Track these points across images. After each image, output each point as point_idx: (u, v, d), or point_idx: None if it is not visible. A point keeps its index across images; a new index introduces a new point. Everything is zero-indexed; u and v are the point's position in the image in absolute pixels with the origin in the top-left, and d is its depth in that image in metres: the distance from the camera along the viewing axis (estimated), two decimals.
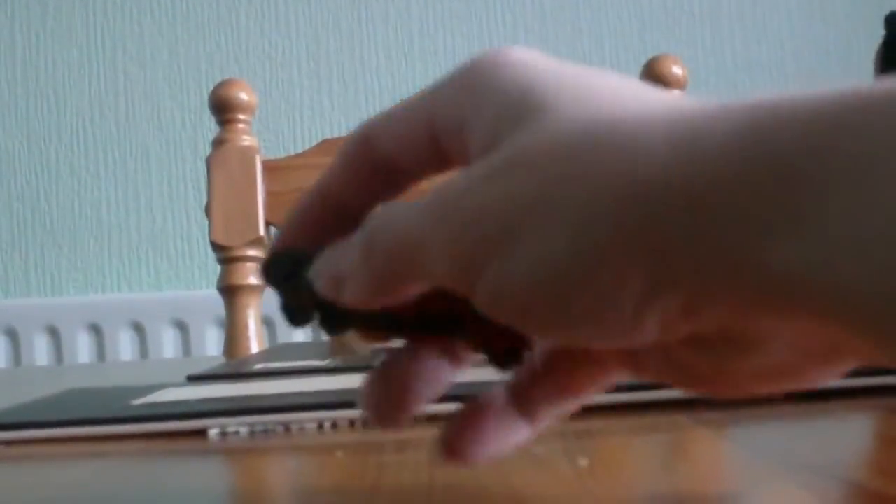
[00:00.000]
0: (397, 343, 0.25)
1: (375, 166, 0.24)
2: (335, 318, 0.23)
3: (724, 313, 0.18)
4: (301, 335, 1.53)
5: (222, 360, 0.83)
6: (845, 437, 0.29)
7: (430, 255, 0.20)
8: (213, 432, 0.35)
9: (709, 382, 0.21)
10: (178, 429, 0.35)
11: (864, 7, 1.61)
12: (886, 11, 0.60)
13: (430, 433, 0.32)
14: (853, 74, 1.59)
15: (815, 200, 0.16)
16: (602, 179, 0.18)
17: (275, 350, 0.78)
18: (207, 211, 0.95)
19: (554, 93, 0.20)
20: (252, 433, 0.35)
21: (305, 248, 0.24)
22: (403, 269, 0.21)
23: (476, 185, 0.19)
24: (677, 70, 0.96)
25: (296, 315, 0.24)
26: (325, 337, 1.42)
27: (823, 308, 0.16)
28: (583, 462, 0.26)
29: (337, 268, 0.22)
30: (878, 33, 0.60)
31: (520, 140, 0.19)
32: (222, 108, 0.93)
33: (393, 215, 0.21)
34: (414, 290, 0.21)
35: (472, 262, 0.19)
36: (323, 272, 0.23)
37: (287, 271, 0.23)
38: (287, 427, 0.35)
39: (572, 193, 0.18)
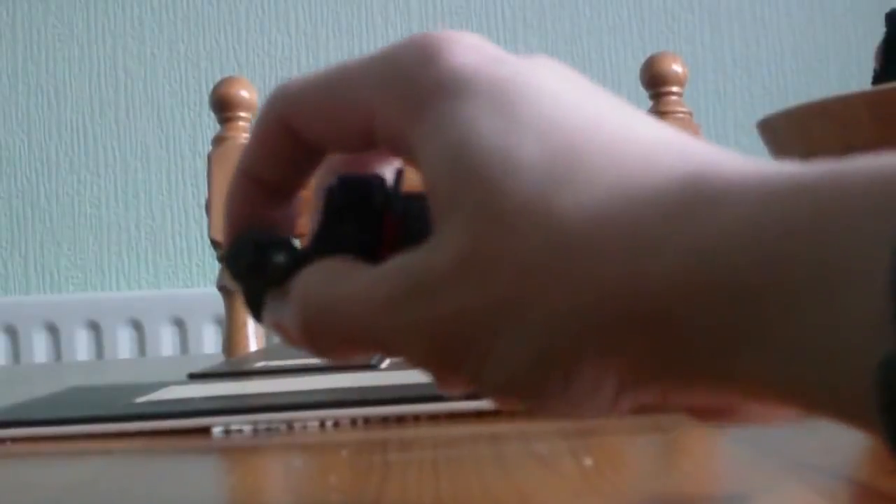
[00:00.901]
0: None
1: (296, 145, 0.22)
2: None
3: (695, 399, 0.19)
4: None
5: (221, 357, 0.83)
6: (850, 436, 0.29)
7: (396, 345, 0.20)
8: (216, 430, 0.35)
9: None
10: (182, 426, 0.35)
11: (864, 4, 1.61)
12: (886, 8, 0.60)
13: (436, 433, 0.32)
14: (852, 72, 1.59)
15: (770, 316, 0.16)
16: (567, 291, 0.18)
17: (273, 348, 0.78)
18: (207, 208, 0.95)
19: (515, 165, 0.18)
20: (255, 431, 0.35)
21: (266, 233, 0.23)
22: (357, 349, 0.21)
23: (448, 283, 0.19)
24: (677, 67, 0.96)
25: (261, 309, 0.23)
26: None
27: (788, 401, 0.16)
28: (588, 461, 0.26)
29: (283, 324, 0.22)
30: (878, 31, 0.60)
31: (485, 231, 0.18)
32: (223, 106, 0.93)
33: (338, 296, 0.20)
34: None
35: (448, 362, 0.19)
36: (269, 321, 0.22)
37: (250, 260, 0.22)
38: (290, 425, 0.35)
39: (544, 302, 0.18)
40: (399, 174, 0.23)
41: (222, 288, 0.94)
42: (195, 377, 0.51)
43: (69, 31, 1.58)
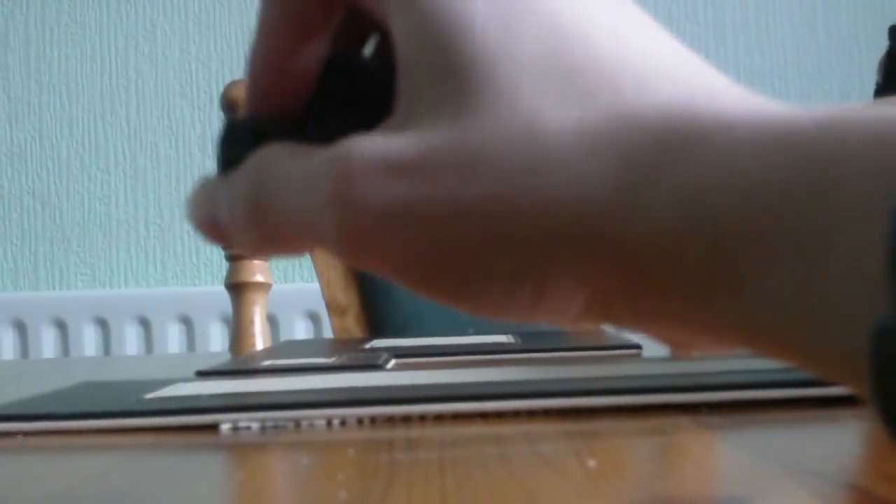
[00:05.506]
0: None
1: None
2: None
3: (663, 331, 0.18)
4: (303, 332, 1.53)
5: (227, 355, 0.83)
6: (849, 443, 0.30)
7: (343, 252, 0.18)
8: (224, 427, 0.35)
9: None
10: (190, 423, 0.36)
11: (867, 17, 1.61)
12: (889, 22, 0.60)
13: (441, 433, 0.33)
14: (854, 85, 1.59)
15: (752, 266, 0.15)
16: (546, 208, 0.17)
17: (280, 347, 0.79)
18: None
19: (508, 68, 0.17)
20: (263, 429, 0.35)
21: (259, 117, 0.22)
22: (303, 245, 0.19)
23: (414, 178, 0.17)
24: None
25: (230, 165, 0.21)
26: (327, 334, 1.42)
27: (763, 349, 0.16)
28: (591, 463, 0.26)
29: (216, 215, 0.20)
30: (881, 43, 0.60)
31: (464, 133, 0.17)
32: (233, 108, 0.93)
33: (284, 187, 0.19)
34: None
35: (415, 268, 0.18)
36: (197, 215, 0.21)
37: (248, 148, 0.21)
38: (297, 423, 0.36)
39: (520, 215, 0.17)
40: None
41: (231, 286, 0.95)
42: (203, 375, 0.51)
43: (81, 30, 1.59)
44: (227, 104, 0.94)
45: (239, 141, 0.22)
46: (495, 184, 0.17)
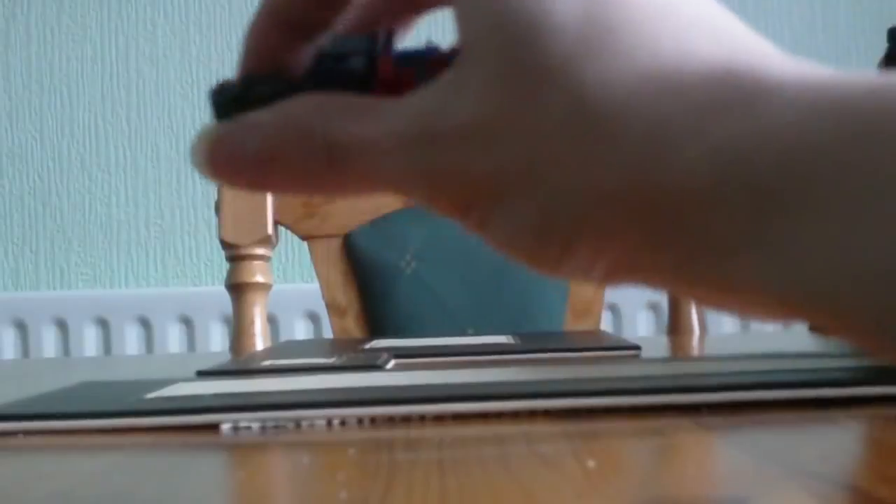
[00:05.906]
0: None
1: None
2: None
3: (684, 290, 0.18)
4: (303, 332, 1.53)
5: (227, 355, 0.83)
6: (847, 444, 0.30)
7: (405, 186, 0.19)
8: (225, 427, 0.35)
9: None
10: (191, 423, 0.36)
11: (866, 20, 1.61)
12: (888, 24, 0.61)
13: (441, 434, 0.33)
14: None
15: (789, 223, 0.15)
16: (579, 169, 0.17)
17: (280, 347, 0.79)
18: (217, 210, 0.95)
19: (550, 26, 0.18)
20: (263, 429, 0.35)
21: (250, 73, 0.23)
22: (371, 187, 0.20)
23: (462, 136, 0.18)
24: None
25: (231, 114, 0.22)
26: (326, 334, 1.43)
27: (786, 309, 0.16)
28: (591, 463, 0.26)
29: (244, 152, 0.21)
30: (880, 45, 0.60)
31: (508, 89, 0.18)
32: None
33: (358, 132, 0.19)
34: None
35: (455, 209, 0.19)
36: (217, 153, 0.21)
37: (235, 93, 0.22)
38: (298, 423, 0.36)
39: (554, 176, 0.18)
40: (390, 33, 0.22)
41: (231, 287, 0.95)
42: (203, 374, 0.51)
43: (83, 31, 1.59)
44: None
45: (234, 95, 0.22)
46: (533, 137, 0.18)
